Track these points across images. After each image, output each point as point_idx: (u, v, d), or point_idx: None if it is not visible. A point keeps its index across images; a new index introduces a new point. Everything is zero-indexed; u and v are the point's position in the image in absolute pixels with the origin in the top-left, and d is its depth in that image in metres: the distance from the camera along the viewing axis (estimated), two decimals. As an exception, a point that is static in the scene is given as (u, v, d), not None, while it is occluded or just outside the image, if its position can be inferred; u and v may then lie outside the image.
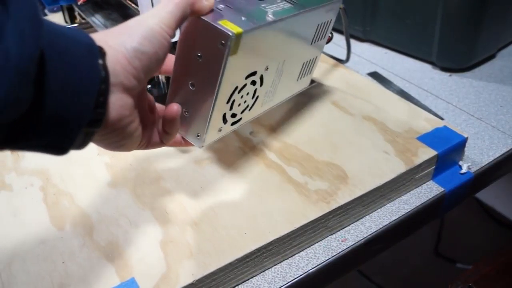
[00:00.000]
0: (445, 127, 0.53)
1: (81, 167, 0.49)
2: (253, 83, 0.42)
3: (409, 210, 0.48)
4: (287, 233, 0.41)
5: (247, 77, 0.41)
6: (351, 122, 0.55)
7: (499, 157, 0.55)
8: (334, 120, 0.55)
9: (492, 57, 0.75)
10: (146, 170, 0.49)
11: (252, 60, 0.40)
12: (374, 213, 0.47)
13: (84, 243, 0.41)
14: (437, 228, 1.19)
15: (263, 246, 0.40)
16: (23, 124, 0.26)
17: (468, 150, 0.55)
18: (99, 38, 0.30)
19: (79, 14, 0.71)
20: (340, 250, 0.44)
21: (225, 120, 0.42)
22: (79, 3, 0.67)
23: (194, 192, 0.46)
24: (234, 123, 0.43)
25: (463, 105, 0.64)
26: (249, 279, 0.41)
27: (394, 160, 0.48)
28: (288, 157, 0.49)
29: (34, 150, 0.28)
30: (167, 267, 0.38)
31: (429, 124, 0.54)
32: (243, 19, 0.36)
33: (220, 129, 0.42)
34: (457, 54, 0.70)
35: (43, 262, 0.39)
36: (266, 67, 0.43)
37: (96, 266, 0.39)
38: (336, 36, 0.64)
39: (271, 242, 0.40)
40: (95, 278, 0.38)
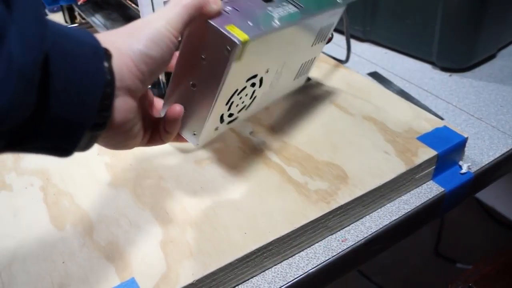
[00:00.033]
0: (445, 127, 0.53)
1: (81, 167, 0.49)
2: (253, 85, 0.42)
3: (409, 210, 0.48)
4: (287, 233, 0.41)
5: (248, 80, 0.41)
6: (351, 122, 0.55)
7: (499, 157, 0.55)
8: (334, 120, 0.55)
9: (492, 57, 0.75)
10: (146, 170, 0.49)
11: (254, 64, 0.40)
12: (374, 213, 0.47)
13: (84, 243, 0.41)
14: (437, 228, 1.19)
15: (263, 246, 0.40)
16: (27, 127, 0.25)
17: (468, 150, 0.55)
18: (105, 39, 0.29)
19: (79, 14, 0.71)
20: (340, 250, 0.44)
21: (222, 119, 0.42)
22: (79, 3, 0.67)
23: (194, 192, 0.46)
24: (230, 122, 0.44)
25: (463, 105, 0.64)
26: (249, 279, 0.41)
27: (394, 160, 0.48)
28: (288, 157, 0.49)
29: (37, 152, 0.27)
30: (167, 267, 0.38)
31: (429, 124, 0.54)
32: (250, 24, 0.36)
33: (216, 128, 0.42)
34: (457, 54, 0.70)
35: (43, 262, 0.39)
36: (267, 69, 0.42)
37: (96, 266, 0.39)
38: (336, 36, 0.64)
39: (271, 242, 0.40)
40: (95, 278, 0.38)
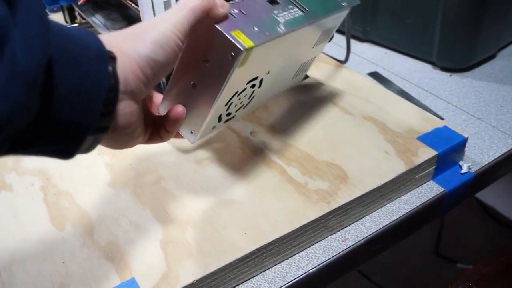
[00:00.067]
0: (445, 127, 0.53)
1: (82, 167, 0.49)
2: (253, 86, 0.42)
3: (409, 210, 0.48)
4: (287, 233, 0.41)
5: (248, 82, 0.41)
6: (351, 122, 0.55)
7: (499, 157, 0.55)
8: (334, 120, 0.55)
9: (492, 57, 0.75)
10: (146, 170, 0.49)
11: (257, 67, 0.40)
12: (374, 213, 0.47)
13: (84, 243, 0.41)
14: (437, 228, 1.19)
15: (263, 246, 0.40)
16: (30, 131, 0.25)
17: (468, 150, 0.55)
18: (110, 41, 0.28)
19: (79, 14, 0.71)
20: (340, 250, 0.44)
21: (220, 119, 0.42)
22: (79, 3, 0.67)
23: (194, 192, 0.46)
24: (227, 120, 0.44)
25: (463, 105, 0.64)
26: (249, 279, 0.41)
27: (394, 160, 0.48)
28: (288, 157, 0.49)
29: (40, 155, 0.27)
30: (167, 267, 0.38)
31: (429, 124, 0.54)
32: (255, 29, 0.36)
33: (214, 126, 0.42)
34: (457, 54, 0.70)
35: (43, 262, 0.39)
36: (267, 72, 0.43)
37: (96, 266, 0.39)
38: (336, 36, 0.64)
39: (271, 242, 0.40)
40: (95, 278, 0.38)
